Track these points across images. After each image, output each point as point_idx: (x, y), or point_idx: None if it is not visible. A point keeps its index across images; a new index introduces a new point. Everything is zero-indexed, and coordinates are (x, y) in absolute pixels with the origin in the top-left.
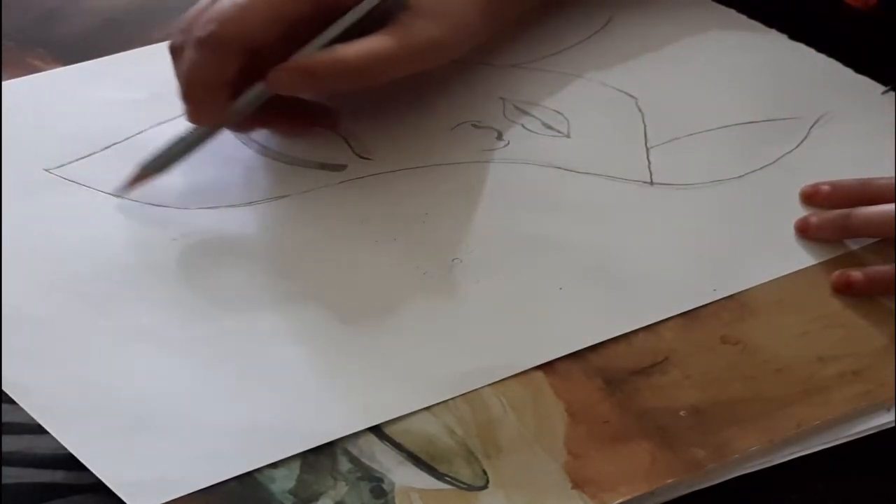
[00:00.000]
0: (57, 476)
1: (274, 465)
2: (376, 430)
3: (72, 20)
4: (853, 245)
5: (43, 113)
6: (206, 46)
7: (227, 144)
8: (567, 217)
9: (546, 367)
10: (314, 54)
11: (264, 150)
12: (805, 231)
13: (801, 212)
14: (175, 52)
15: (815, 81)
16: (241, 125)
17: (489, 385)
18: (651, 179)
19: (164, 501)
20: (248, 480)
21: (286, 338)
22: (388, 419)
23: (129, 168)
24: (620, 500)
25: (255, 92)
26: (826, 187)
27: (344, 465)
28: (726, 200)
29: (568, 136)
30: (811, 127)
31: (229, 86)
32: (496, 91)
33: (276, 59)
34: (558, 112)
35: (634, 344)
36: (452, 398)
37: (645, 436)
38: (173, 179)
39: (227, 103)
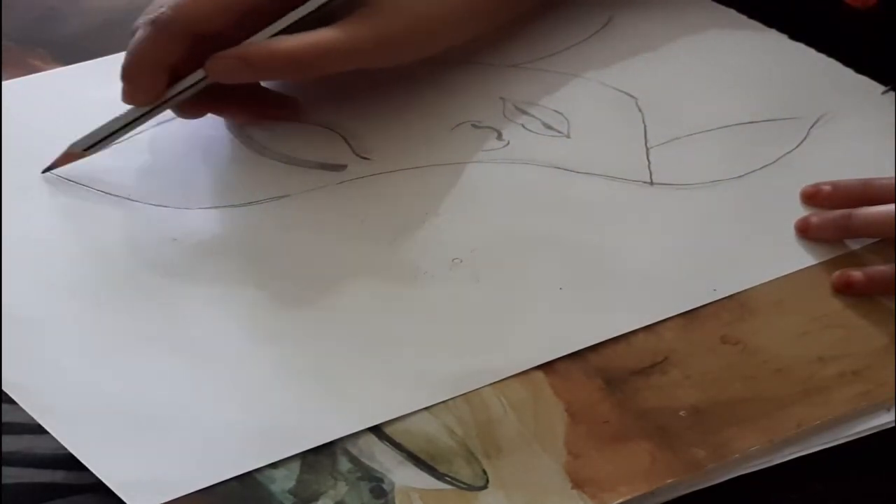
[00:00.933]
0: (57, 476)
1: (274, 465)
2: (376, 430)
3: (72, 20)
4: (853, 245)
5: (43, 113)
6: (153, 27)
7: (227, 144)
8: (567, 217)
9: (546, 367)
10: (253, 43)
11: (264, 150)
12: (805, 231)
13: (801, 212)
14: (133, 34)
15: (815, 81)
16: (190, 110)
17: (489, 385)
18: (651, 179)
19: (164, 501)
20: (248, 480)
21: (286, 337)
22: (388, 419)
23: (128, 168)
24: (620, 500)
25: (194, 77)
26: (827, 187)
27: (344, 465)
28: (726, 200)
29: (568, 136)
30: (811, 127)
31: (169, 69)
32: (496, 91)
33: (227, 47)
34: (558, 112)
35: (634, 344)
36: (452, 398)
37: (645, 436)
38: (173, 179)
39: (164, 86)
